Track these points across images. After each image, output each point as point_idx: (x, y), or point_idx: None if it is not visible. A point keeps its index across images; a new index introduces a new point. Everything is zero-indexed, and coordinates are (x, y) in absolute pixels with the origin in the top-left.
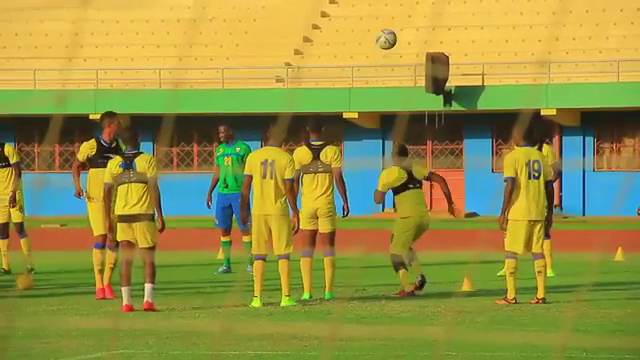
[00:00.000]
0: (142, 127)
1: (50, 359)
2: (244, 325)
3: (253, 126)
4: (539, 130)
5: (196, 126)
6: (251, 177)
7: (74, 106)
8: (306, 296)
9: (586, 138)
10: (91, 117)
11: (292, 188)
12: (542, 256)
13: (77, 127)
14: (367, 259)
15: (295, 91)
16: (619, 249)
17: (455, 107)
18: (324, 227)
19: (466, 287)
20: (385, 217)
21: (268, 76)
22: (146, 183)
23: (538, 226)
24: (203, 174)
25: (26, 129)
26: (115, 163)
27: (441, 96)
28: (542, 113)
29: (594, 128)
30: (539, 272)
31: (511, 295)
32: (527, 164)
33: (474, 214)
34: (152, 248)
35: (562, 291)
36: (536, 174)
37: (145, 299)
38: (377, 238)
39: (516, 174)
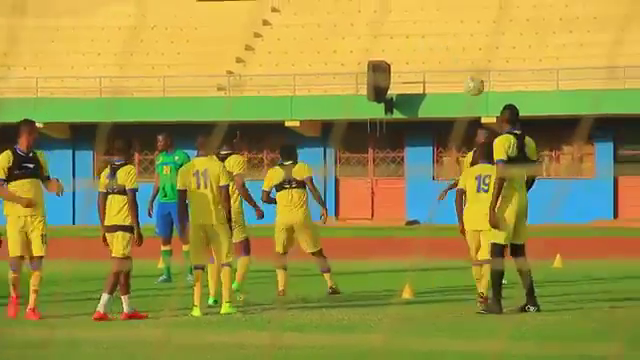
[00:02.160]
0: (82, 135)
1: None
2: (184, 335)
3: (195, 135)
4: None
5: (137, 134)
6: (185, 191)
7: (13, 114)
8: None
9: None
10: None
11: (228, 195)
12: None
13: (13, 135)
14: (306, 266)
15: (237, 99)
16: (557, 256)
17: (396, 115)
18: (237, 237)
19: (407, 295)
20: (326, 225)
21: (210, 84)
22: (125, 194)
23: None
24: (144, 183)
25: None
26: (104, 173)
27: (382, 104)
28: (482, 121)
29: (533, 136)
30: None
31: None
32: (477, 178)
33: (415, 222)
34: (126, 259)
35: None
36: (485, 187)
37: (124, 311)
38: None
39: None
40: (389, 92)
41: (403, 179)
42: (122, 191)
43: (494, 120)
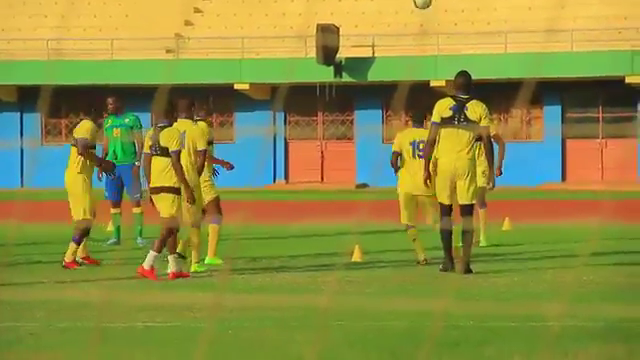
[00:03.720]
0: (30, 99)
1: None
2: (133, 296)
3: (142, 97)
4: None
5: (84, 97)
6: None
7: None
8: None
9: None
10: None
11: (203, 161)
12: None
13: None
14: (256, 230)
15: (185, 62)
16: (506, 219)
17: (346, 78)
18: (208, 196)
19: (356, 258)
20: (276, 188)
21: (158, 47)
22: (168, 156)
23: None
24: None
25: None
26: (149, 135)
27: (332, 67)
28: (431, 84)
29: (483, 99)
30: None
31: (420, 257)
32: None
33: (365, 185)
34: (173, 219)
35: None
36: (420, 153)
37: (172, 270)
38: (267, 209)
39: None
40: (338, 55)
41: (353, 142)
42: (165, 153)
43: (443, 83)
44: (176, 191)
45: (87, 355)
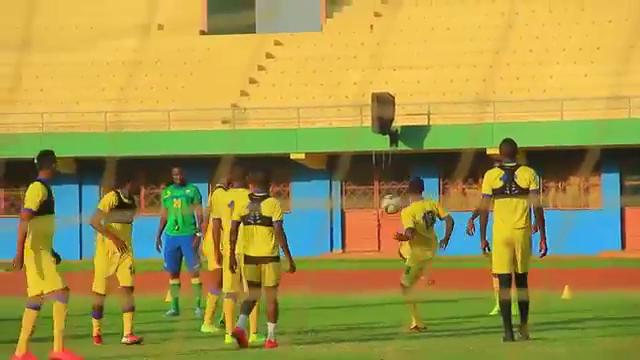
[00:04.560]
0: (88, 170)
1: None
2: None
3: (200, 168)
4: None
5: (142, 168)
6: (220, 219)
7: (19, 149)
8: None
9: None
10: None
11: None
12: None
13: (22, 171)
14: (313, 300)
15: (241, 132)
16: (566, 287)
17: (401, 147)
18: (212, 266)
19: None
20: (333, 257)
21: (214, 118)
22: (271, 226)
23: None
24: (149, 217)
25: None
26: (242, 204)
27: (387, 136)
28: (488, 152)
29: (539, 167)
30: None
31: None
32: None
33: None
34: (275, 287)
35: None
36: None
37: (268, 338)
38: (324, 278)
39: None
40: (394, 124)
41: None
42: (266, 223)
43: (497, 151)
44: (279, 259)
45: None
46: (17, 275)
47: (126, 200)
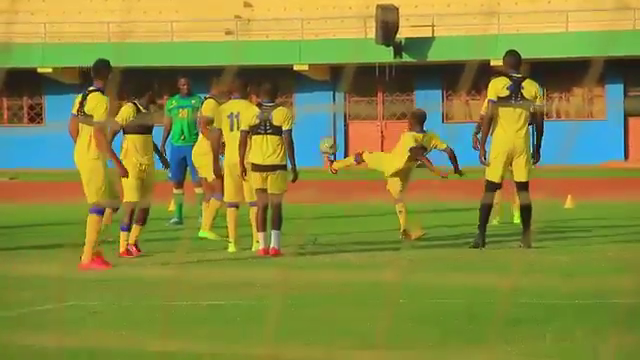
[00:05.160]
0: (92, 80)
1: None
2: (197, 274)
3: (203, 79)
4: None
5: (145, 80)
6: (220, 130)
7: (22, 59)
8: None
9: None
10: (39, 70)
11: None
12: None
13: (25, 80)
14: (316, 209)
15: (245, 44)
16: (569, 197)
17: (405, 58)
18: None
19: (415, 235)
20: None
21: (218, 29)
22: (281, 135)
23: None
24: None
25: None
26: (252, 114)
27: (391, 48)
28: (492, 64)
29: (544, 78)
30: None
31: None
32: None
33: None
34: (281, 195)
35: (513, 238)
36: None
37: (273, 245)
38: (327, 188)
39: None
40: (397, 35)
41: None
42: (276, 132)
43: (501, 62)
44: (286, 168)
45: (151, 333)
46: (19, 184)
47: (144, 111)
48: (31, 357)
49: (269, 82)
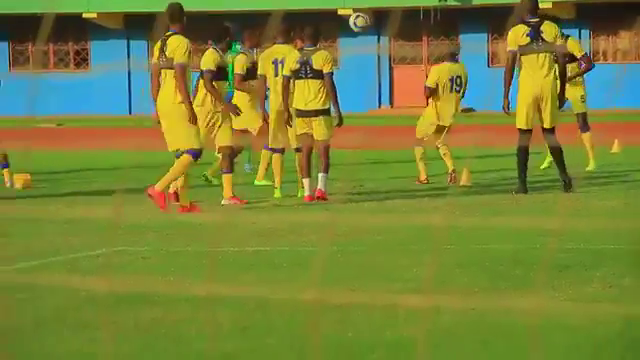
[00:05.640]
0: (136, 25)
1: (49, 256)
2: (243, 220)
3: (246, 25)
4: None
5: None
6: (265, 77)
7: (67, 4)
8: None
9: (582, 31)
10: (84, 16)
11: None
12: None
13: (71, 26)
14: (362, 155)
15: None
16: (615, 141)
17: (450, 2)
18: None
19: (464, 182)
20: (381, 113)
21: None
22: (322, 79)
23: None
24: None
25: (19, 27)
26: (293, 58)
27: None
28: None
29: (590, 21)
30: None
31: (422, 176)
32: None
33: (471, 109)
34: (327, 140)
35: (559, 183)
36: (457, 88)
37: (318, 187)
38: (371, 134)
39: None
40: None
41: None
42: (316, 75)
43: (550, 5)
44: (330, 112)
45: (198, 277)
46: (66, 130)
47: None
48: (81, 302)
49: (311, 26)
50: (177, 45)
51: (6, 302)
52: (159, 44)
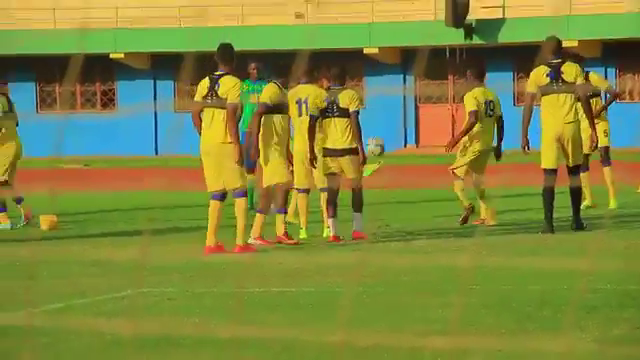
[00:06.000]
0: (162, 65)
1: (75, 298)
2: (268, 261)
3: (271, 63)
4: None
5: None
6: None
7: (94, 45)
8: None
9: (608, 69)
10: (111, 56)
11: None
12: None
13: (98, 66)
14: (388, 194)
15: (315, 27)
16: None
17: (476, 40)
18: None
19: (489, 221)
20: (407, 153)
21: (288, 12)
22: (348, 117)
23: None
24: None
25: (46, 69)
26: (321, 97)
27: (462, 30)
28: (563, 45)
29: (615, 59)
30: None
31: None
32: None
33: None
34: (357, 178)
35: (590, 222)
36: (491, 112)
37: (354, 228)
38: (397, 173)
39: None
40: (468, 17)
41: None
42: (343, 114)
43: (576, 44)
44: (357, 152)
45: (223, 319)
46: (92, 171)
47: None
48: (106, 345)
49: (337, 66)
50: (232, 85)
51: (31, 346)
52: (207, 83)
